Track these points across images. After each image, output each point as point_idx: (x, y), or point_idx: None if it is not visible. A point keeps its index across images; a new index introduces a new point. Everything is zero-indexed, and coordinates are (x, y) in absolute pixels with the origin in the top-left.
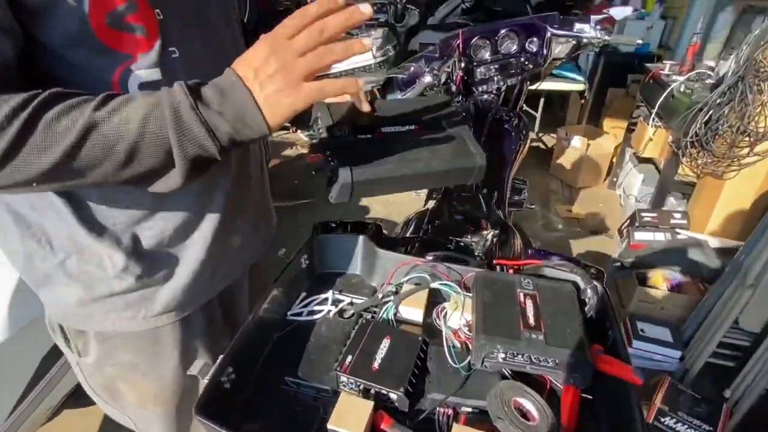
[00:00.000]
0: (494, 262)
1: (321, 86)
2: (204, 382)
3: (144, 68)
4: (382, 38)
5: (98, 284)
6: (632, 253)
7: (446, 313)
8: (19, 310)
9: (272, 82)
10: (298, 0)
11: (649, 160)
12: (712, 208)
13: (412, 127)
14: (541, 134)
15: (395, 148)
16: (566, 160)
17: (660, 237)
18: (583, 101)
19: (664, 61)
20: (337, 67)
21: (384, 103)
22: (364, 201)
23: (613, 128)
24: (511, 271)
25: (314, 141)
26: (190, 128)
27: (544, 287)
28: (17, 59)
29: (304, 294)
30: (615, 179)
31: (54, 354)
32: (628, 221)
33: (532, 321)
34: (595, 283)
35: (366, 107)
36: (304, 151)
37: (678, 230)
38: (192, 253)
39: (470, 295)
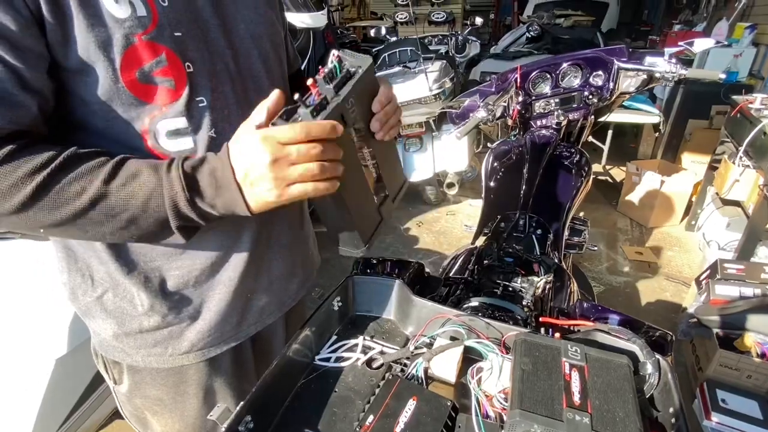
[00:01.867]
0: (540, 319)
1: (304, 190)
2: (223, 429)
3: (171, 117)
4: (439, 71)
5: (130, 320)
6: (712, 309)
7: (481, 374)
8: (78, 327)
9: (263, 182)
10: (364, 33)
11: (735, 203)
12: None
13: (376, 175)
14: (608, 167)
15: (353, 169)
16: (637, 196)
17: (747, 293)
18: (657, 134)
19: (755, 94)
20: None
21: None
22: (414, 231)
23: (693, 163)
24: (558, 335)
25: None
26: (185, 214)
27: (595, 359)
28: (44, 116)
29: (334, 338)
30: (694, 221)
31: None
32: (709, 271)
33: (577, 399)
34: (657, 357)
35: None
36: None
37: None
38: (218, 294)
39: (509, 357)
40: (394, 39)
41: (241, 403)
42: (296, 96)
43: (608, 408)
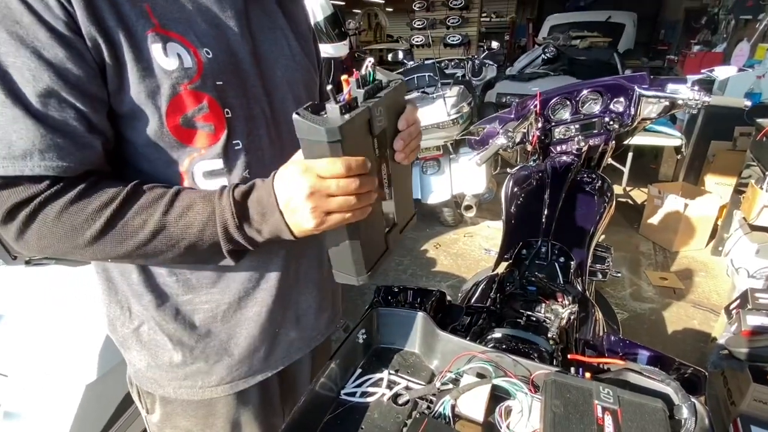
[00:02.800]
0: (569, 357)
1: (342, 218)
2: None
3: (208, 159)
4: (457, 96)
5: (162, 353)
6: (744, 341)
7: (510, 415)
8: (108, 354)
9: (303, 211)
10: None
11: (765, 229)
12: None
13: (391, 197)
14: (629, 189)
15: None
16: (660, 219)
17: None
18: (679, 156)
19: None
20: None
21: None
22: (431, 253)
23: (717, 185)
24: (588, 374)
25: None
26: (235, 239)
27: (628, 402)
28: (107, 156)
29: (359, 371)
30: (721, 247)
31: (131, 397)
32: (739, 301)
33: None
34: (693, 400)
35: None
36: None
37: None
38: (246, 329)
39: (539, 396)
40: (411, 63)
41: None
42: (329, 87)
43: None
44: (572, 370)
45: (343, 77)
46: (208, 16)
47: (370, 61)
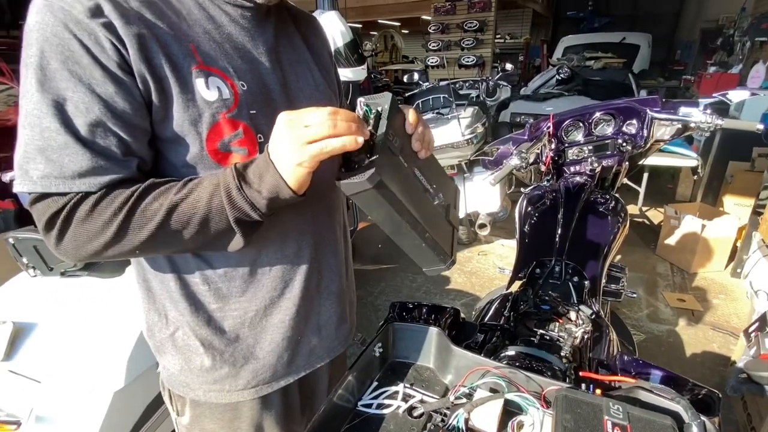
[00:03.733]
0: (580, 374)
1: (322, 145)
2: None
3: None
4: (471, 117)
5: (194, 357)
6: (763, 365)
7: (522, 429)
8: (135, 363)
9: (283, 145)
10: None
11: None
12: None
13: (433, 186)
14: (645, 209)
15: (416, 192)
16: (677, 240)
17: None
18: (696, 177)
19: None
20: None
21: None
22: (446, 272)
23: (736, 206)
24: (599, 391)
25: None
26: (238, 203)
27: (638, 418)
28: (142, 174)
29: (375, 384)
30: (740, 269)
31: (155, 404)
32: (758, 323)
33: None
34: (703, 419)
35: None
36: None
37: None
38: (270, 335)
39: (550, 412)
40: (426, 85)
41: None
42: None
43: None
44: (583, 386)
45: None
46: (243, 52)
47: (360, 102)
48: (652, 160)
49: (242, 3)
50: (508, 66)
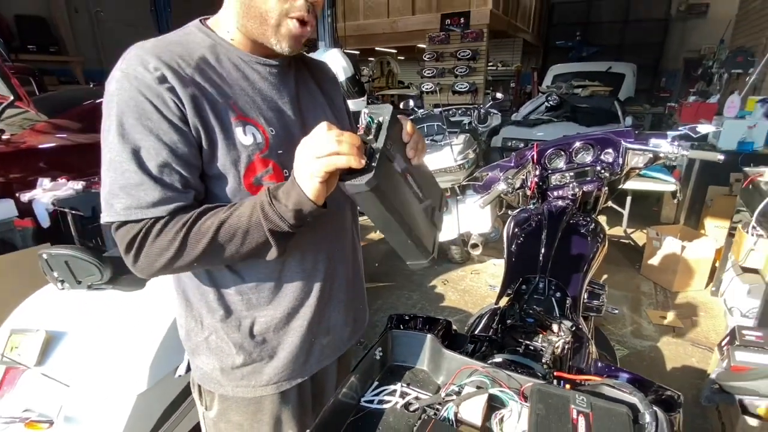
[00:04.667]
0: (555, 374)
1: (328, 159)
2: None
3: None
4: (463, 143)
5: (226, 358)
6: (734, 376)
7: (503, 419)
8: (157, 367)
9: (299, 162)
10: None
11: (755, 270)
12: None
13: (421, 190)
14: (630, 230)
15: (406, 195)
16: (659, 260)
17: (767, 361)
18: (676, 201)
19: (762, 167)
20: None
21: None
22: (439, 289)
23: (716, 228)
24: (568, 386)
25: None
26: (270, 216)
27: (599, 407)
28: (198, 203)
29: (376, 383)
30: (716, 287)
31: (173, 406)
32: (729, 338)
33: None
34: (654, 409)
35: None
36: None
37: None
38: (290, 338)
39: (528, 405)
40: (421, 112)
41: (308, 430)
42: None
43: None
44: (555, 383)
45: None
46: (271, 103)
47: (364, 112)
48: (634, 184)
49: (269, 62)
50: (499, 95)
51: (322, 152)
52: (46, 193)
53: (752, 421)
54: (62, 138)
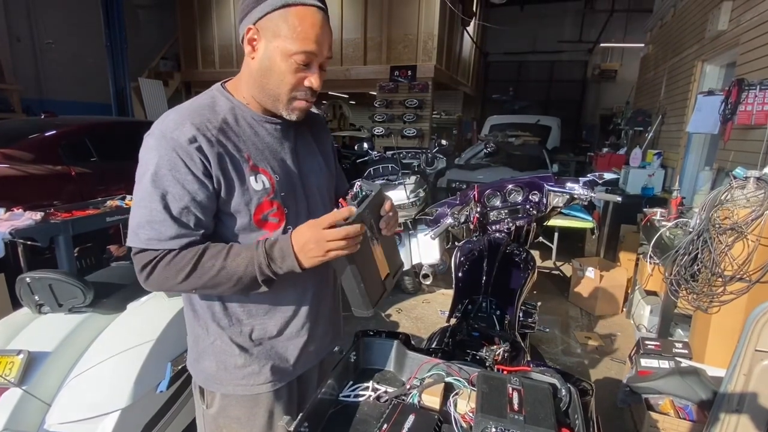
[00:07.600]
0: (496, 367)
1: (336, 254)
2: (291, 429)
3: (271, 237)
4: (415, 183)
5: (229, 359)
6: (640, 379)
7: (456, 401)
8: (140, 384)
9: (310, 251)
10: (344, 141)
11: (655, 293)
12: (706, 339)
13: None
14: (559, 263)
15: (369, 255)
16: (583, 289)
17: (664, 365)
18: (594, 236)
19: (654, 209)
20: None
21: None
22: (394, 317)
23: (629, 260)
24: (505, 372)
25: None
26: (265, 272)
27: (528, 384)
28: (207, 237)
29: (351, 382)
30: (628, 309)
31: (153, 421)
32: (635, 348)
33: (516, 407)
34: (568, 385)
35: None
36: None
37: (679, 359)
38: (283, 344)
39: (475, 388)
40: (375, 154)
41: (301, 414)
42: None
43: (535, 413)
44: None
45: (342, 199)
46: (275, 153)
47: (356, 183)
48: (558, 222)
49: (275, 121)
50: (443, 142)
51: (333, 246)
52: (4, 223)
53: (655, 416)
54: (13, 168)
